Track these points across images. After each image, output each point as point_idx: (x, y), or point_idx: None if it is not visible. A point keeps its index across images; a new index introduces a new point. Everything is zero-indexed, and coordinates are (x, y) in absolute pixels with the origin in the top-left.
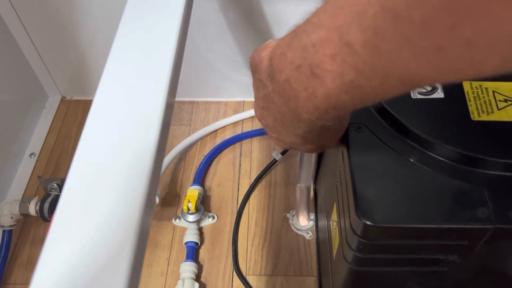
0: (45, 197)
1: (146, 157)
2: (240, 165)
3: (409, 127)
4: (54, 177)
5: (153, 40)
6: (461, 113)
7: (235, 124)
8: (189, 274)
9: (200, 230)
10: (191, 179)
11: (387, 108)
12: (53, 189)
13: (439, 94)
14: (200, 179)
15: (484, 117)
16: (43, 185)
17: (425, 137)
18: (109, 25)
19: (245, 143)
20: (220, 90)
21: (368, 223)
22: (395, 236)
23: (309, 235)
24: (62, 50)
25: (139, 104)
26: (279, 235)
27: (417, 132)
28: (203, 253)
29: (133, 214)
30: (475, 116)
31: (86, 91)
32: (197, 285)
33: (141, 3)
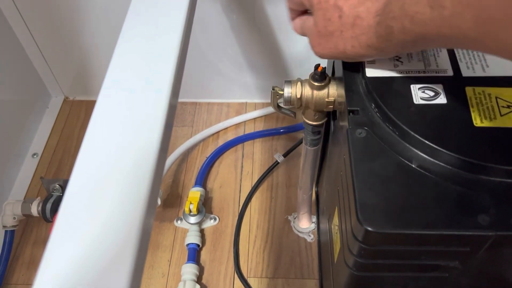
0: (47, 197)
1: (148, 158)
2: (242, 166)
3: (411, 133)
4: (57, 178)
5: (156, 41)
6: (464, 119)
7: (237, 125)
8: (191, 276)
9: (202, 232)
10: (193, 181)
11: (389, 113)
12: (55, 190)
13: (441, 99)
14: (202, 180)
15: (486, 123)
16: (45, 186)
17: (427, 142)
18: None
19: (247, 144)
20: (223, 91)
21: (369, 229)
22: (396, 242)
23: (310, 238)
24: (65, 50)
25: (142, 105)
26: (280, 237)
27: (419, 137)
28: (204, 255)
29: (135, 215)
30: (477, 122)
31: (88, 92)
32: (198, 287)
33: (145, 4)
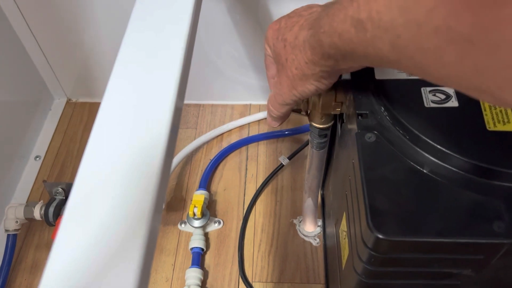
0: (50, 201)
1: (154, 161)
2: (246, 169)
3: (423, 137)
4: (59, 181)
5: (162, 42)
6: (476, 122)
7: (241, 127)
8: (195, 280)
9: (206, 236)
10: (197, 183)
11: (399, 116)
12: (58, 193)
13: (453, 102)
14: (206, 183)
15: (500, 127)
16: (48, 189)
17: (439, 147)
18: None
19: (252, 147)
20: (227, 93)
21: (380, 236)
22: (407, 250)
23: (316, 242)
24: (68, 52)
25: (147, 108)
26: (285, 241)
27: (430, 142)
28: (208, 259)
29: (141, 219)
30: (490, 126)
31: (91, 93)
32: None
33: (149, 6)
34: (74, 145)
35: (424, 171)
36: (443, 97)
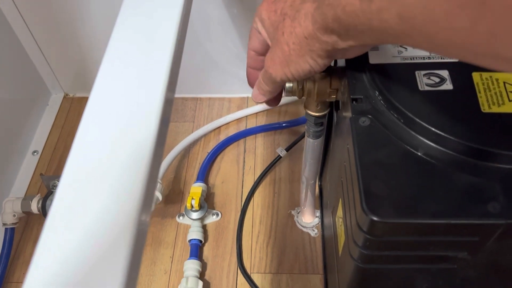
0: (47, 194)
1: (144, 153)
2: (244, 161)
3: (417, 120)
4: (57, 174)
5: (152, 33)
6: (471, 105)
7: (239, 120)
8: (193, 272)
9: (204, 228)
10: (194, 176)
11: (393, 100)
12: (55, 186)
13: (447, 85)
14: (204, 176)
15: (495, 108)
16: (45, 183)
17: (433, 129)
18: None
19: (249, 139)
20: (224, 86)
21: (375, 218)
22: (402, 232)
23: (314, 232)
24: (65, 47)
25: (137, 100)
26: (284, 232)
27: (425, 124)
28: (207, 251)
29: (130, 211)
30: (485, 108)
31: (88, 88)
32: (201, 283)
33: None
34: (71, 140)
35: (419, 154)
36: (437, 80)
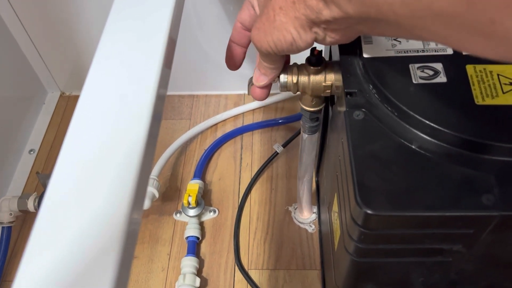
0: (43, 193)
1: (135, 151)
2: (241, 158)
3: (411, 113)
4: None
5: (144, 29)
6: (465, 97)
7: (235, 117)
8: (190, 269)
9: (201, 225)
10: (191, 173)
11: (387, 93)
12: None
13: (441, 78)
14: (201, 173)
15: (488, 101)
16: (42, 181)
17: (427, 122)
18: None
19: (246, 136)
20: (220, 83)
21: (369, 211)
22: (397, 225)
23: (311, 228)
24: (60, 45)
25: (128, 96)
26: (281, 228)
27: (419, 117)
28: (204, 247)
29: (121, 210)
30: (479, 100)
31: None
32: (198, 280)
33: None
34: None
35: (413, 147)
36: (431, 73)
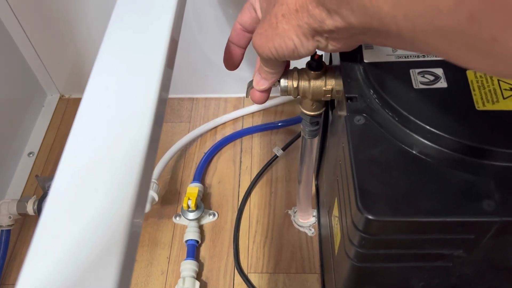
0: (43, 196)
1: (137, 154)
2: (240, 161)
3: (412, 118)
4: (52, 176)
5: (146, 33)
6: (465, 102)
7: (235, 120)
8: (190, 272)
9: (201, 228)
10: (191, 177)
11: (388, 98)
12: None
13: (442, 83)
14: (200, 176)
15: (489, 106)
16: (41, 184)
17: (428, 127)
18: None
19: (246, 139)
20: (220, 86)
21: (370, 217)
22: (398, 231)
23: (311, 232)
24: (60, 48)
25: (130, 100)
26: (281, 232)
27: (419, 122)
28: (203, 251)
29: (123, 213)
30: (479, 106)
31: (84, 89)
32: (198, 283)
33: None
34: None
35: (414, 152)
36: (432, 78)
